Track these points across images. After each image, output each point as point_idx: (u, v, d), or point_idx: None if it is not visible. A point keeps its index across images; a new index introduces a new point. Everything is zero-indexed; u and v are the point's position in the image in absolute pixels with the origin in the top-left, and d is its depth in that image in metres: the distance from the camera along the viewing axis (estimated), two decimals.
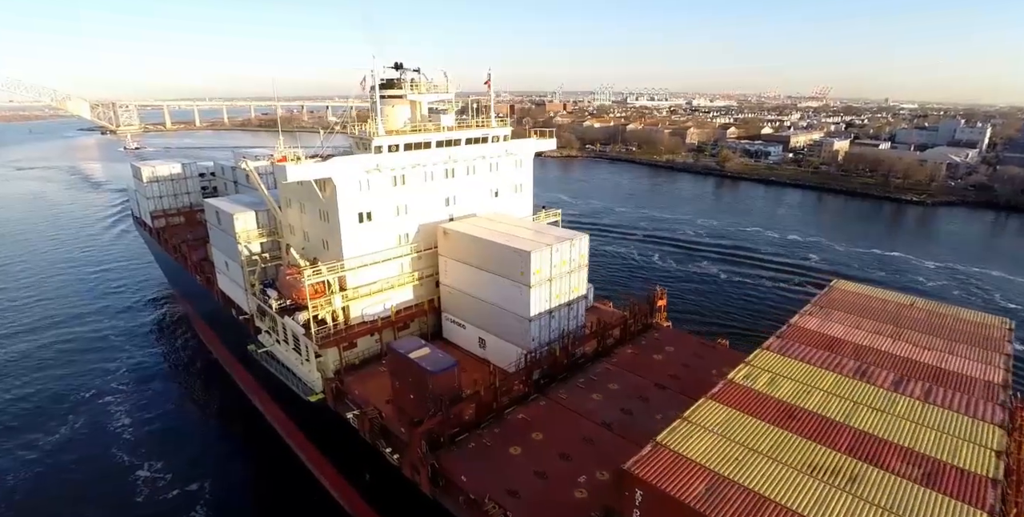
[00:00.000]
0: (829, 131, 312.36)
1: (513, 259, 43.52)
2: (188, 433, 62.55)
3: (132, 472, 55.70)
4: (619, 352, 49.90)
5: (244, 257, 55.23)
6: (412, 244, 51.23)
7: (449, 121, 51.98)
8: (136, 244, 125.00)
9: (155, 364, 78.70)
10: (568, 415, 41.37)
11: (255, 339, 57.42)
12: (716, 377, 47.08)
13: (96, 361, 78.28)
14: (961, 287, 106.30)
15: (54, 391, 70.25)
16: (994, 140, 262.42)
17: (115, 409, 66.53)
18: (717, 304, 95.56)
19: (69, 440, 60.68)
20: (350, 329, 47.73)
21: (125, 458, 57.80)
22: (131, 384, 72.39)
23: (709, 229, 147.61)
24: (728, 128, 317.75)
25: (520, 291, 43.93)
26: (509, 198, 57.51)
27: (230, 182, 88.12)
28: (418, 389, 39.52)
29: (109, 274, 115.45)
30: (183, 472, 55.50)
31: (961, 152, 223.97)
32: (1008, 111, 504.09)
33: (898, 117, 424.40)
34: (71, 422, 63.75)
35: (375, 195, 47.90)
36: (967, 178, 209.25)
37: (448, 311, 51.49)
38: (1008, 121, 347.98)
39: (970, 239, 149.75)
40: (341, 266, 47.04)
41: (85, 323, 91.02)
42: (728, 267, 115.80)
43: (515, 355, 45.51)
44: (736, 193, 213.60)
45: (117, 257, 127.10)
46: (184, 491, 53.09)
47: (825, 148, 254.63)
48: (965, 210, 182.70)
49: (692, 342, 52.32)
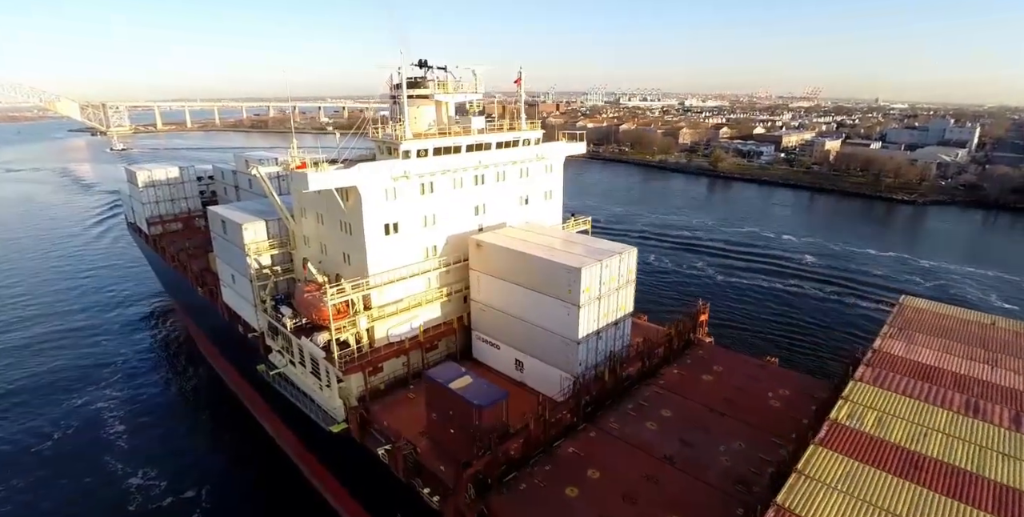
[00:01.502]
0: (820, 131, 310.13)
1: (560, 276, 38.54)
2: (184, 445, 59.04)
3: (125, 480, 53.32)
4: (665, 373, 45.14)
5: (253, 271, 49.66)
6: (440, 257, 46.02)
7: (479, 123, 46.76)
8: (130, 251, 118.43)
9: (149, 370, 74.68)
10: (623, 448, 36.56)
11: (265, 359, 51.93)
12: (774, 401, 43.04)
13: (89, 367, 74.56)
14: (957, 286, 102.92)
15: (45, 398, 67.06)
16: (983, 140, 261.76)
17: (109, 416, 63.79)
18: (727, 306, 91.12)
19: (61, 447, 58.23)
20: (375, 352, 42.45)
21: (118, 466, 55.15)
22: (125, 391, 69.02)
23: (704, 227, 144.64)
24: (720, 128, 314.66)
25: (567, 311, 38.97)
26: (539, 206, 52.49)
27: (231, 186, 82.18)
28: (461, 424, 34.54)
29: (100, 280, 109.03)
30: (177, 480, 52.92)
31: (951, 152, 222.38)
32: (997, 111, 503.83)
33: (888, 117, 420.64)
34: (63, 427, 61.30)
35: (402, 204, 42.66)
36: (957, 177, 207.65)
37: (479, 330, 46.37)
38: (997, 121, 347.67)
39: (962, 238, 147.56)
40: (366, 283, 41.68)
41: (78, 327, 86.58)
42: (726, 267, 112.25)
43: (558, 380, 40.66)
44: (729, 192, 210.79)
45: (109, 261, 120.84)
46: (180, 498, 50.75)
47: (817, 148, 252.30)
48: (955, 209, 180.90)
49: (740, 361, 47.78)
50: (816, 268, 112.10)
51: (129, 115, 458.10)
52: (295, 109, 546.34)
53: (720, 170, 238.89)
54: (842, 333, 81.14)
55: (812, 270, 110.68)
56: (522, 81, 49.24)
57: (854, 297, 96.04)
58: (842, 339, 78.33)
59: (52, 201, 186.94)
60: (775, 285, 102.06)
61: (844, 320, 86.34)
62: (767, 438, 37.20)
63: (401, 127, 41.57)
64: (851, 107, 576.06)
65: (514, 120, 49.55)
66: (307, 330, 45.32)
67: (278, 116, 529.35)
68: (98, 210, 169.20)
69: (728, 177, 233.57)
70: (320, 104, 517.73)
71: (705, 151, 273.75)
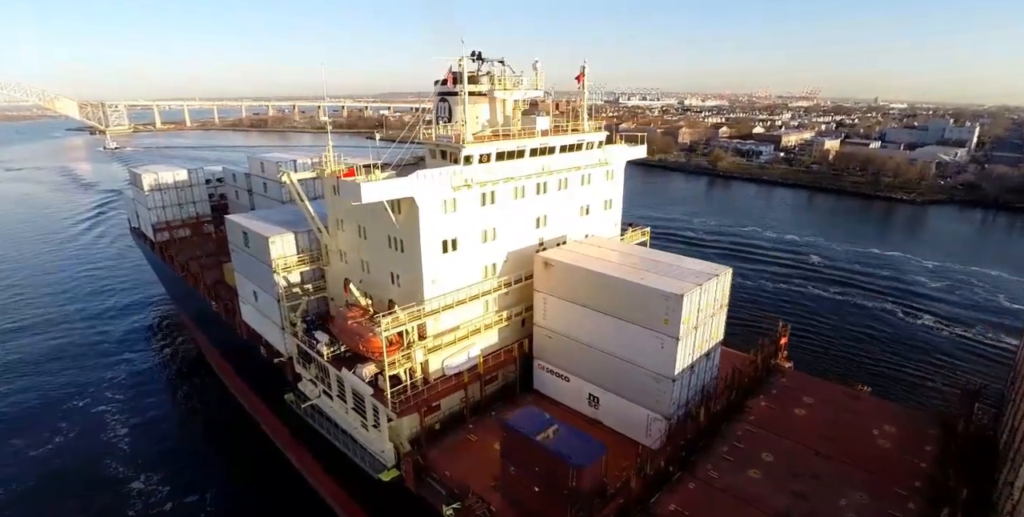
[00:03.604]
0: (820, 130, 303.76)
1: (655, 303, 31.83)
2: (190, 452, 55.63)
3: (127, 483, 50.45)
4: (752, 406, 38.67)
5: (282, 289, 42.58)
6: (500, 277, 39.16)
7: (544, 124, 39.75)
8: (128, 253, 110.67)
9: (154, 381, 69.26)
10: (731, 503, 30.08)
11: (294, 387, 44.94)
12: (881, 440, 36.73)
13: (93, 370, 70.58)
14: (965, 288, 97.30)
15: (47, 401, 63.69)
16: (983, 139, 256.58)
17: (111, 419, 60.54)
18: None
19: (61, 450, 55.43)
20: (432, 388, 35.50)
21: (120, 469, 52.35)
22: (129, 397, 64.73)
23: (706, 226, 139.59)
24: (720, 127, 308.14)
25: (661, 343, 32.32)
26: (599, 216, 45.69)
27: (243, 190, 74.68)
28: (550, 483, 27.92)
29: (104, 282, 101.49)
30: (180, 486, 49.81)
31: (950, 151, 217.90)
32: (996, 111, 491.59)
33: (888, 116, 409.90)
34: (65, 431, 58.22)
35: (461, 217, 35.74)
36: (956, 177, 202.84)
37: (544, 359, 39.51)
38: (996, 120, 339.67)
39: (963, 237, 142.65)
40: (422, 310, 34.72)
41: (80, 330, 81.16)
42: (738, 263, 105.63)
43: (645, 420, 34.18)
44: (728, 191, 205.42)
45: (109, 262, 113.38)
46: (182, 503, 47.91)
47: (816, 147, 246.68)
48: (955, 208, 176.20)
49: (828, 389, 41.48)
50: (824, 268, 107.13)
51: (128, 114, 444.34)
52: (295, 108, 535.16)
53: (719, 169, 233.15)
54: (899, 348, 74.67)
55: (821, 269, 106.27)
56: (585, 77, 42.30)
57: (877, 300, 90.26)
58: (900, 354, 72.40)
59: (45, 200, 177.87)
60: (780, 285, 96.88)
61: (903, 335, 79.00)
62: (889, 489, 31.18)
63: (462, 128, 34.50)
64: (850, 107, 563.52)
65: (576, 120, 42.63)
66: (346, 360, 38.45)
67: (277, 115, 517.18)
68: (85, 211, 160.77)
69: (727, 176, 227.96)
70: (320, 103, 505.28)
71: (704, 150, 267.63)
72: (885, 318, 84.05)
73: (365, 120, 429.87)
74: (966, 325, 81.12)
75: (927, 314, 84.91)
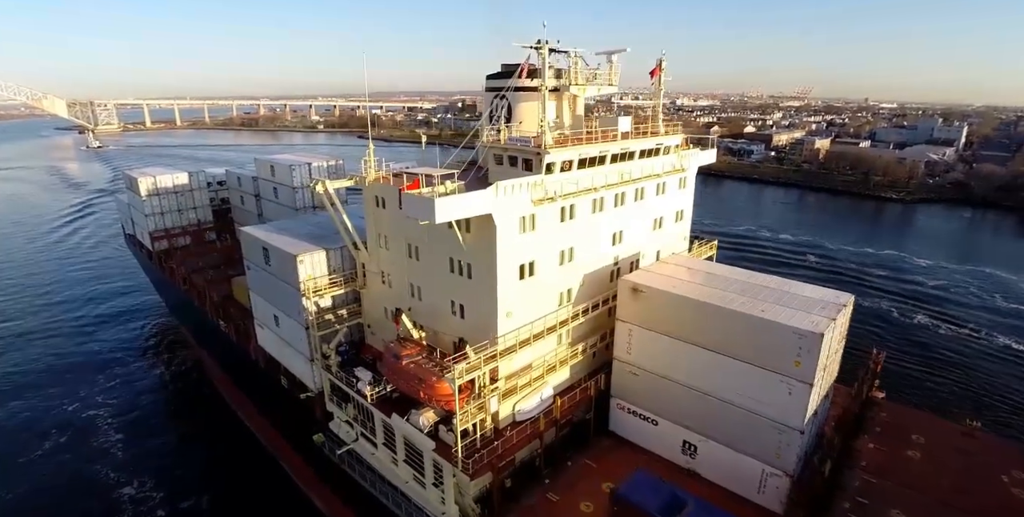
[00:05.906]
0: (811, 130, 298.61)
1: (783, 341, 25.48)
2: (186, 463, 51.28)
3: (118, 488, 47.65)
4: (860, 448, 32.60)
5: (311, 316, 35.52)
6: (577, 305, 32.48)
7: (626, 125, 33.05)
8: (120, 255, 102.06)
9: (152, 393, 63.51)
10: None
11: (324, 427, 37.93)
12: (1013, 487, 31.29)
13: (85, 378, 65.60)
14: (961, 286, 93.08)
15: (41, 409, 59.42)
16: (971, 139, 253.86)
17: (103, 424, 56.75)
18: None
19: (51, 457, 52.26)
20: (507, 441, 28.72)
21: (111, 474, 49.51)
22: (122, 411, 59.46)
23: (701, 225, 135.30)
24: (711, 126, 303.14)
25: (788, 389, 26.00)
26: (670, 229, 39.30)
27: (249, 195, 66.77)
28: None
29: (99, 288, 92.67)
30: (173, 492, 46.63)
31: (939, 150, 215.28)
32: (984, 111, 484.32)
33: (878, 116, 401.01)
34: (55, 438, 54.82)
35: (540, 237, 29.03)
36: (945, 176, 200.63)
37: (625, 398, 32.93)
38: (984, 120, 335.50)
39: (953, 236, 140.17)
40: (497, 351, 27.90)
41: (75, 339, 75.25)
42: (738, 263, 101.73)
43: (759, 476, 27.89)
44: (720, 190, 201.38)
45: (96, 265, 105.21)
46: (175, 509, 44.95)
47: (807, 146, 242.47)
48: (943, 207, 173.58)
49: (933, 425, 35.59)
50: (823, 268, 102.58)
51: (118, 113, 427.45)
52: (287, 107, 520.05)
53: (711, 168, 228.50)
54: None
55: (820, 268, 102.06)
56: (660, 72, 35.69)
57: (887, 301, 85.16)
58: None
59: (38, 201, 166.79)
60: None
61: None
62: None
63: (544, 128, 27.54)
64: (841, 106, 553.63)
65: (652, 122, 36.02)
66: (394, 402, 31.59)
67: (268, 114, 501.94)
68: (67, 211, 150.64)
69: (719, 175, 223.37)
70: (311, 103, 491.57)
71: None
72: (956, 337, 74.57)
73: (357, 119, 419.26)
74: None
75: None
